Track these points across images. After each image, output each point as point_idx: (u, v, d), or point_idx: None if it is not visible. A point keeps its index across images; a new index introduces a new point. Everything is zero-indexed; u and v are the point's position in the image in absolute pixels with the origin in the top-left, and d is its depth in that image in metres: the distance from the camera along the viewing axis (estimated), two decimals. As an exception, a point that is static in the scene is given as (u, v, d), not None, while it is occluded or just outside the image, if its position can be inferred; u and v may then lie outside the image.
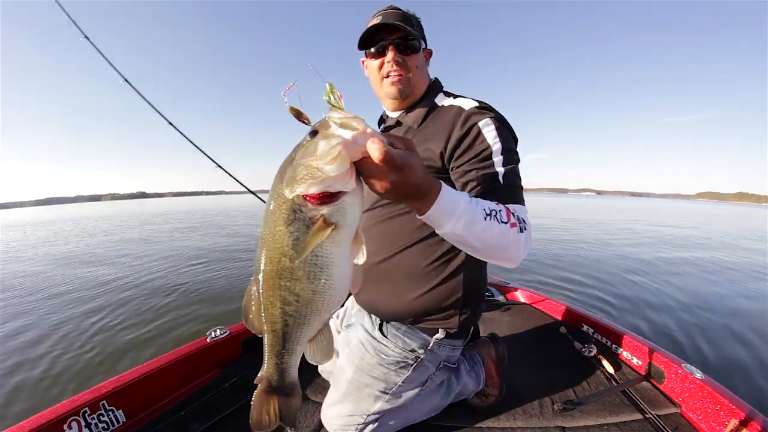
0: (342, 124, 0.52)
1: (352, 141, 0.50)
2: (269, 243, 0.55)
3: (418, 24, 1.14)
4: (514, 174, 0.95)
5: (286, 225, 0.54)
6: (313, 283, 0.56)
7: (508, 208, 0.78)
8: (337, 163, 0.50)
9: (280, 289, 0.57)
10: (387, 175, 0.55)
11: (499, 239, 0.74)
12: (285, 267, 0.55)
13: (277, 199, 0.54)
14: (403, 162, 0.54)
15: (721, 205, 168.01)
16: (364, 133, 0.51)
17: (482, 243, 0.73)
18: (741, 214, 37.22)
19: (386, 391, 1.13)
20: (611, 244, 9.44)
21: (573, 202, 66.58)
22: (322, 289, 0.57)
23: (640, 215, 24.65)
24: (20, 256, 9.51)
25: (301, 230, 0.54)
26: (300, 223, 0.54)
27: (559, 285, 5.13)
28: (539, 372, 1.72)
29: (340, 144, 0.50)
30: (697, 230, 14.65)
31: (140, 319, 4.07)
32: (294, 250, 0.54)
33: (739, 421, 1.22)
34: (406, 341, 1.15)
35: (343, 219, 0.55)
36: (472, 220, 0.70)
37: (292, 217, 0.53)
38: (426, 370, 1.18)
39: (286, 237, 0.54)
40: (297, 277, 0.55)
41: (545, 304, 2.46)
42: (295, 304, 0.58)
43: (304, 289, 0.56)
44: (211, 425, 1.37)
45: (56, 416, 1.17)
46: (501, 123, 0.99)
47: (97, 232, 15.19)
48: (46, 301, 4.97)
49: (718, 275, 6.12)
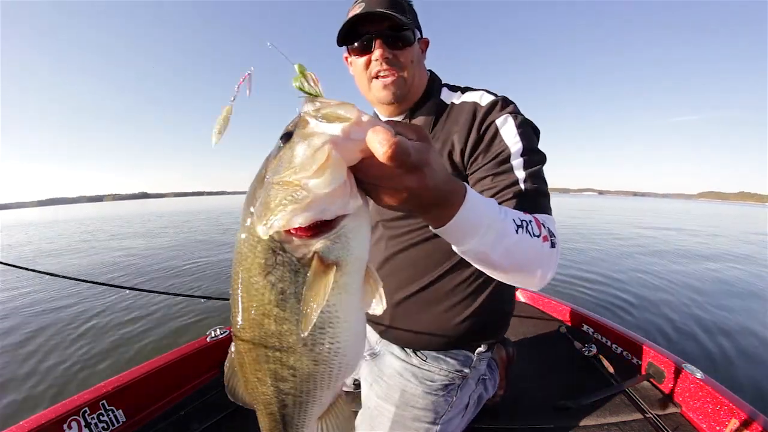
0: (325, 115, 0.36)
1: (344, 137, 0.35)
2: (244, 300, 0.40)
3: (411, 9, 0.95)
4: (538, 178, 0.81)
5: (264, 275, 0.38)
6: (313, 350, 0.41)
7: (537, 219, 0.65)
8: (328, 173, 0.34)
9: (268, 362, 0.42)
10: (401, 179, 0.39)
11: (531, 257, 0.62)
12: (270, 332, 0.40)
13: (248, 240, 0.39)
14: (420, 158, 0.38)
15: (723, 204, 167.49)
16: (359, 122, 0.35)
17: (510, 262, 0.59)
18: (744, 214, 37.08)
19: (436, 421, 1.00)
20: (614, 243, 9.42)
21: (575, 201, 66.46)
22: (326, 357, 0.42)
23: (644, 216, 24.57)
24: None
25: (288, 279, 0.38)
26: (284, 269, 0.38)
27: (558, 284, 5.13)
28: (540, 372, 1.72)
29: (327, 143, 0.34)
30: (712, 233, 14.60)
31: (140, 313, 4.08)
32: (281, 309, 0.39)
33: (739, 421, 1.22)
34: (449, 362, 1.03)
35: (347, 253, 0.39)
36: (503, 233, 0.55)
37: (272, 261, 0.38)
38: (469, 388, 1.09)
39: (266, 292, 0.39)
40: (289, 345, 0.40)
41: (545, 304, 2.45)
42: (291, 380, 0.43)
43: (300, 360, 0.41)
44: (211, 425, 1.37)
45: (56, 416, 1.18)
46: (522, 120, 0.86)
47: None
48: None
49: (718, 275, 6.10)
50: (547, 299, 2.47)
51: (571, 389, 1.56)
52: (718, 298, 4.71)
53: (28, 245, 12.48)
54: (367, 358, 1.22)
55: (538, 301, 2.52)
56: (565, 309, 2.27)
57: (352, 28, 0.90)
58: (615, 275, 5.78)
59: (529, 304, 2.56)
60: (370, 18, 0.87)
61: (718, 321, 3.84)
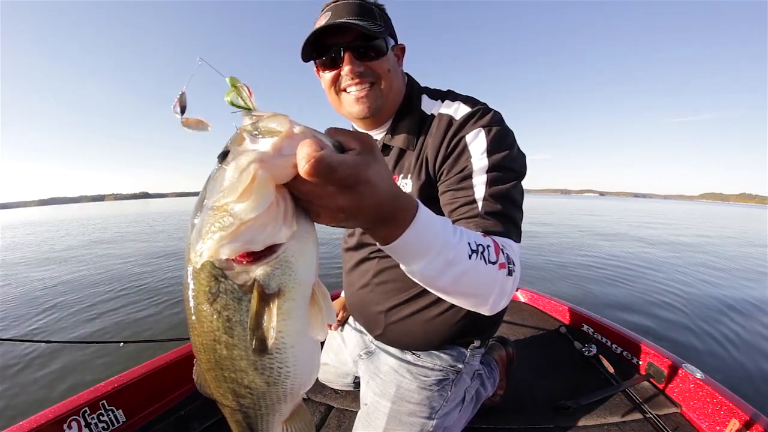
0: (260, 130, 0.35)
1: (275, 153, 0.33)
2: (196, 326, 0.40)
3: (383, 15, 0.88)
4: (503, 198, 0.75)
5: (210, 302, 0.38)
6: (264, 374, 0.41)
7: (497, 243, 0.62)
8: (253, 195, 0.32)
9: (226, 381, 0.42)
10: (332, 197, 0.36)
11: (482, 284, 0.58)
12: (223, 357, 0.40)
13: (190, 267, 0.38)
14: (352, 174, 0.35)
15: (724, 206, 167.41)
16: (290, 135, 0.33)
17: (457, 289, 0.56)
18: (745, 215, 37.05)
19: (431, 416, 1.01)
20: (616, 244, 9.42)
21: (576, 203, 66.51)
22: (277, 379, 0.42)
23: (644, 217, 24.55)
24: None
25: (232, 306, 0.37)
26: (227, 297, 0.37)
27: (558, 284, 5.13)
28: (539, 372, 1.72)
29: (254, 162, 0.32)
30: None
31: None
32: (229, 336, 0.38)
33: (739, 421, 1.22)
34: (443, 357, 1.04)
35: (289, 279, 0.38)
36: (454, 259, 0.52)
37: (215, 289, 0.37)
38: (464, 383, 1.10)
39: (213, 319, 0.38)
40: (241, 368, 0.41)
41: (545, 304, 2.45)
42: (249, 397, 0.44)
43: (254, 381, 0.42)
44: (211, 425, 1.37)
45: (56, 416, 1.18)
46: (497, 133, 0.80)
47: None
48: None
49: (719, 275, 6.09)
50: (547, 299, 2.47)
51: (571, 389, 1.55)
52: (719, 298, 4.70)
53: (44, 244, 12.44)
54: (363, 357, 1.23)
55: (538, 301, 2.52)
56: (565, 309, 2.27)
57: (317, 41, 0.83)
58: (615, 275, 5.78)
59: (529, 304, 2.56)
60: (335, 29, 0.81)
61: (718, 321, 3.84)
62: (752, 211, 63.60)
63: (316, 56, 0.87)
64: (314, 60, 0.89)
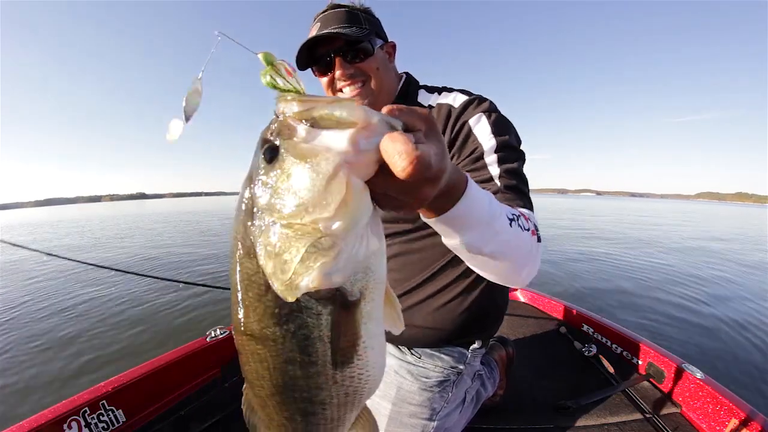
0: (318, 120, 0.29)
1: (355, 150, 0.28)
2: (260, 352, 0.36)
3: (368, 18, 0.95)
4: (515, 174, 0.79)
5: (280, 325, 0.33)
6: (344, 384, 0.38)
7: (524, 213, 0.64)
8: (351, 211, 0.28)
9: (296, 403, 0.39)
10: (417, 190, 0.34)
11: (522, 251, 0.60)
12: (297, 377, 0.36)
13: (252, 289, 0.33)
14: (441, 167, 0.34)
15: (721, 205, 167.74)
16: (368, 126, 0.28)
17: (504, 256, 0.57)
18: (742, 214, 37.14)
19: (432, 417, 1.02)
20: (616, 244, 9.42)
21: (574, 203, 66.59)
22: (356, 387, 0.39)
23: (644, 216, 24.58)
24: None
25: (311, 324, 0.33)
26: (305, 315, 0.33)
27: (558, 284, 5.13)
28: (539, 372, 1.72)
29: (341, 167, 0.27)
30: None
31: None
32: (305, 355, 0.34)
33: (739, 421, 1.22)
34: (444, 359, 1.04)
35: (370, 281, 0.34)
36: (500, 227, 0.53)
37: (287, 309, 0.33)
38: (465, 384, 1.10)
39: (286, 341, 0.34)
40: (317, 385, 0.37)
41: (545, 304, 2.45)
42: (322, 413, 0.40)
43: (330, 395, 0.38)
44: (211, 425, 1.37)
45: (56, 416, 1.17)
46: (497, 118, 0.85)
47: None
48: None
49: (720, 275, 6.10)
50: (547, 299, 2.47)
51: (571, 389, 1.56)
52: (719, 298, 4.72)
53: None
54: None
55: (538, 301, 2.52)
56: (566, 309, 2.27)
57: (311, 50, 0.92)
58: (615, 275, 5.79)
59: (529, 304, 2.56)
60: (326, 38, 0.88)
61: (718, 321, 3.85)
62: (750, 210, 63.74)
63: (312, 63, 0.96)
64: (311, 68, 0.97)
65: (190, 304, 4.47)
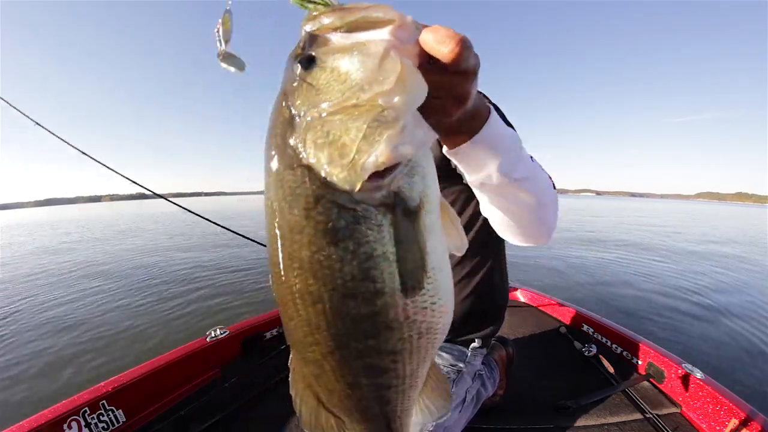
0: (352, 25, 0.28)
1: (398, 41, 0.27)
2: (312, 287, 0.30)
3: None
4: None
5: (336, 242, 0.28)
6: (417, 319, 0.32)
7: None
8: (410, 84, 0.26)
9: (362, 357, 0.32)
10: (460, 86, 0.32)
11: (546, 185, 0.56)
12: (360, 316, 0.30)
13: (297, 202, 0.29)
14: (479, 60, 0.32)
15: (721, 205, 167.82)
16: (404, 24, 0.28)
17: (531, 185, 0.52)
18: (742, 214, 37.15)
19: None
20: (615, 244, 9.42)
21: (574, 203, 66.62)
22: (431, 322, 0.33)
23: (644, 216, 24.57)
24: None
25: (372, 237, 0.28)
26: (364, 227, 0.28)
27: (558, 283, 5.13)
28: (539, 372, 1.72)
29: (390, 48, 0.27)
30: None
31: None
32: (370, 281, 0.29)
33: (739, 421, 1.22)
34: (444, 356, 1.06)
35: (427, 186, 0.31)
36: (526, 155, 0.50)
37: (344, 222, 0.28)
38: (465, 383, 1.11)
39: (345, 264, 0.29)
40: (387, 323, 0.31)
41: (545, 304, 2.45)
42: (393, 369, 0.34)
43: (402, 338, 0.32)
44: (211, 425, 1.37)
45: (56, 416, 1.17)
46: (491, 104, 0.91)
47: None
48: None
49: (720, 275, 6.10)
50: (547, 299, 2.47)
51: (571, 389, 1.55)
52: (719, 298, 4.71)
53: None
54: None
55: (537, 301, 2.52)
56: (565, 309, 2.27)
57: None
58: (615, 275, 5.79)
59: (529, 304, 2.56)
60: None
61: (718, 321, 3.85)
62: (750, 210, 63.78)
63: None
64: None
65: (190, 305, 4.47)
